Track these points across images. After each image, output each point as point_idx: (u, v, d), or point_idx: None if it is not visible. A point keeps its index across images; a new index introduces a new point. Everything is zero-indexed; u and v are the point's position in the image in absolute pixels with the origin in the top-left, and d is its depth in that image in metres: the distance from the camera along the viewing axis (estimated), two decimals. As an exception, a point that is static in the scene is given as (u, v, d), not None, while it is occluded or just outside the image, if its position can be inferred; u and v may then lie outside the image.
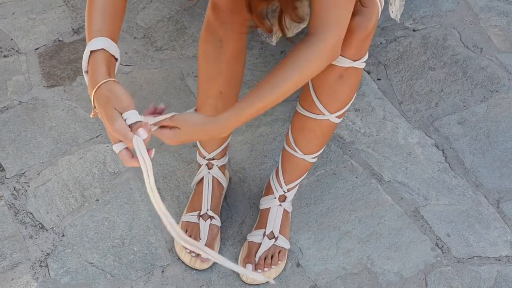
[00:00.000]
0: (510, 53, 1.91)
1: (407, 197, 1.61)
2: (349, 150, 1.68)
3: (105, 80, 0.99)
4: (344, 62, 1.19)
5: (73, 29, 1.86)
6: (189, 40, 1.87)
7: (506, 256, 1.54)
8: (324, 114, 1.28)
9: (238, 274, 1.45)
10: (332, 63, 1.19)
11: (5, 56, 1.79)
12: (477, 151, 1.71)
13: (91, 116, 1.06)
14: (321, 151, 1.39)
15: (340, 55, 1.18)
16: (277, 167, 1.46)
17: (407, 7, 1.98)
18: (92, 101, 1.01)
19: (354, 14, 1.12)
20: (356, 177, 1.64)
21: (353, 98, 1.30)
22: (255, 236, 1.46)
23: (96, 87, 0.99)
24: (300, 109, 1.33)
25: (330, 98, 1.26)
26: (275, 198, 1.47)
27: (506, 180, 1.66)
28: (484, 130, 1.75)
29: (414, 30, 1.95)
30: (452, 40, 1.93)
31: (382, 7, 1.20)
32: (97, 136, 1.65)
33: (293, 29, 1.44)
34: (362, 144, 1.70)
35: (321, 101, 1.26)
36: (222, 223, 1.52)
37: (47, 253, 1.46)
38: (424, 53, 1.89)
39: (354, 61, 1.19)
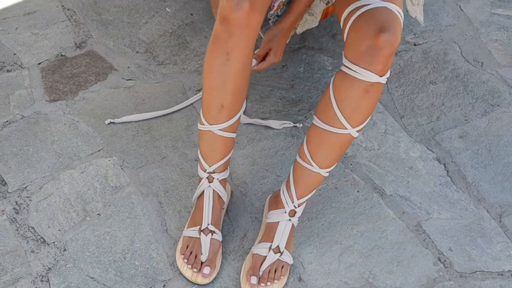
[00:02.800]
0: (510, 67, 1.92)
1: (409, 211, 1.61)
2: (351, 164, 1.69)
3: None
4: (371, 78, 1.22)
5: (75, 44, 1.87)
6: (191, 54, 1.87)
7: (508, 270, 1.53)
8: (346, 128, 1.30)
9: (239, 289, 1.45)
10: (360, 78, 1.23)
11: (8, 71, 1.80)
12: (479, 165, 1.71)
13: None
14: (336, 164, 1.40)
15: (368, 70, 1.22)
16: (288, 181, 1.45)
17: (407, 21, 1.99)
18: None
19: (381, 31, 1.17)
20: (358, 191, 1.64)
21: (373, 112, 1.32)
22: (261, 249, 1.46)
23: None
24: (318, 123, 1.33)
25: (353, 112, 1.28)
26: (285, 212, 1.46)
27: (508, 194, 1.66)
28: (486, 144, 1.75)
29: (415, 45, 1.95)
30: (452, 54, 1.93)
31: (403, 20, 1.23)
32: (98, 150, 1.65)
33: (304, 25, 1.48)
34: (363, 158, 1.70)
35: (344, 115, 1.28)
36: (223, 237, 1.52)
37: (49, 268, 1.46)
38: (425, 67, 1.90)
39: (381, 76, 1.23)
